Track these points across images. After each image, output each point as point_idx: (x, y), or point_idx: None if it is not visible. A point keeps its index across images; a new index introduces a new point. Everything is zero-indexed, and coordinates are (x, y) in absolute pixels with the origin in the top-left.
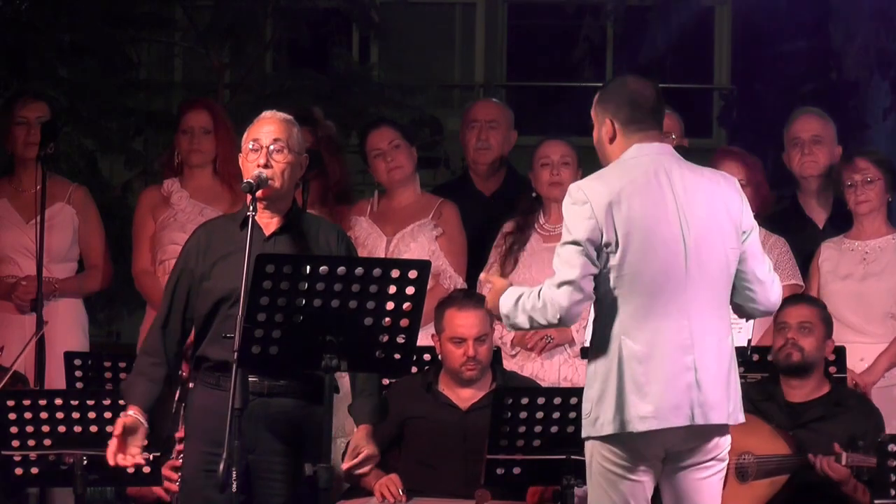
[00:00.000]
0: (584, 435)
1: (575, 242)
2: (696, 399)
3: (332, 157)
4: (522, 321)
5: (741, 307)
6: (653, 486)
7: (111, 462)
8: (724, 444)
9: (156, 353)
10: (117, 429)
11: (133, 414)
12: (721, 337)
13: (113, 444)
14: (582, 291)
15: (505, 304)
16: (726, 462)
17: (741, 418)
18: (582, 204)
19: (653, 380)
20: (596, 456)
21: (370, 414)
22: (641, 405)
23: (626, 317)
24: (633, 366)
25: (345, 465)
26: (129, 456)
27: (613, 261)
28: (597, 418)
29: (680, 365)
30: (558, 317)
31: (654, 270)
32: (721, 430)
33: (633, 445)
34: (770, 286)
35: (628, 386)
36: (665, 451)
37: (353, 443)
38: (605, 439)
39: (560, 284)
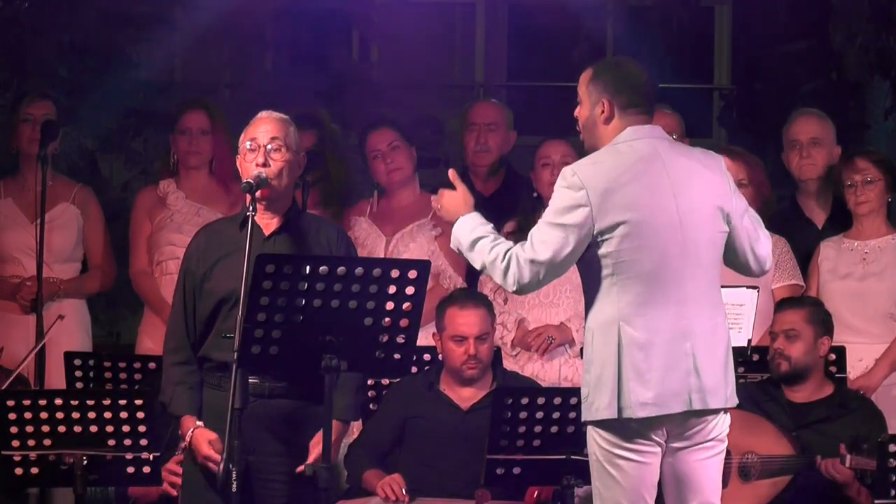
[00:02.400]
0: (582, 419)
1: (561, 226)
2: (694, 385)
3: (336, 160)
4: (475, 261)
5: (734, 269)
6: (658, 469)
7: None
8: (723, 424)
9: (188, 361)
10: (206, 448)
11: (201, 424)
12: (716, 322)
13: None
14: (548, 275)
15: (462, 231)
16: (726, 444)
17: (736, 401)
18: (577, 189)
19: (654, 367)
20: (599, 440)
21: (342, 410)
22: (642, 391)
23: (624, 304)
24: (634, 352)
25: (310, 461)
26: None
27: (610, 247)
28: (592, 403)
29: (679, 352)
30: (515, 288)
31: (653, 258)
32: (718, 410)
33: (632, 429)
34: (766, 261)
35: (629, 372)
36: (667, 433)
37: (314, 439)
38: (603, 424)
39: (530, 261)
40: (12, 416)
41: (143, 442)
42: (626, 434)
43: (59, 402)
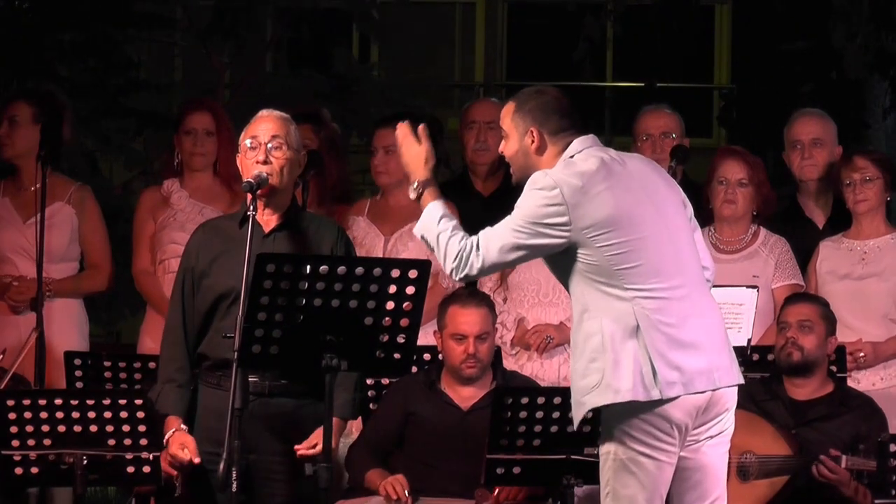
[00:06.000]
0: (594, 406)
1: (528, 224)
2: (714, 363)
3: (333, 159)
4: (431, 243)
5: None
6: (673, 470)
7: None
8: (733, 419)
9: (180, 358)
10: (175, 448)
11: (184, 428)
12: (712, 301)
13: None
14: (496, 271)
15: (427, 219)
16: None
17: (742, 378)
18: (550, 189)
19: (674, 347)
20: (622, 437)
21: (340, 407)
22: (668, 371)
23: (634, 292)
24: (653, 335)
25: (298, 449)
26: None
27: (601, 242)
28: (610, 384)
29: (696, 331)
30: (462, 276)
31: (648, 246)
32: (731, 402)
33: (657, 425)
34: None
35: (653, 354)
36: (691, 424)
37: (314, 433)
38: (628, 421)
39: (487, 254)
40: (12, 416)
41: (143, 442)
42: (651, 431)
43: (59, 402)
